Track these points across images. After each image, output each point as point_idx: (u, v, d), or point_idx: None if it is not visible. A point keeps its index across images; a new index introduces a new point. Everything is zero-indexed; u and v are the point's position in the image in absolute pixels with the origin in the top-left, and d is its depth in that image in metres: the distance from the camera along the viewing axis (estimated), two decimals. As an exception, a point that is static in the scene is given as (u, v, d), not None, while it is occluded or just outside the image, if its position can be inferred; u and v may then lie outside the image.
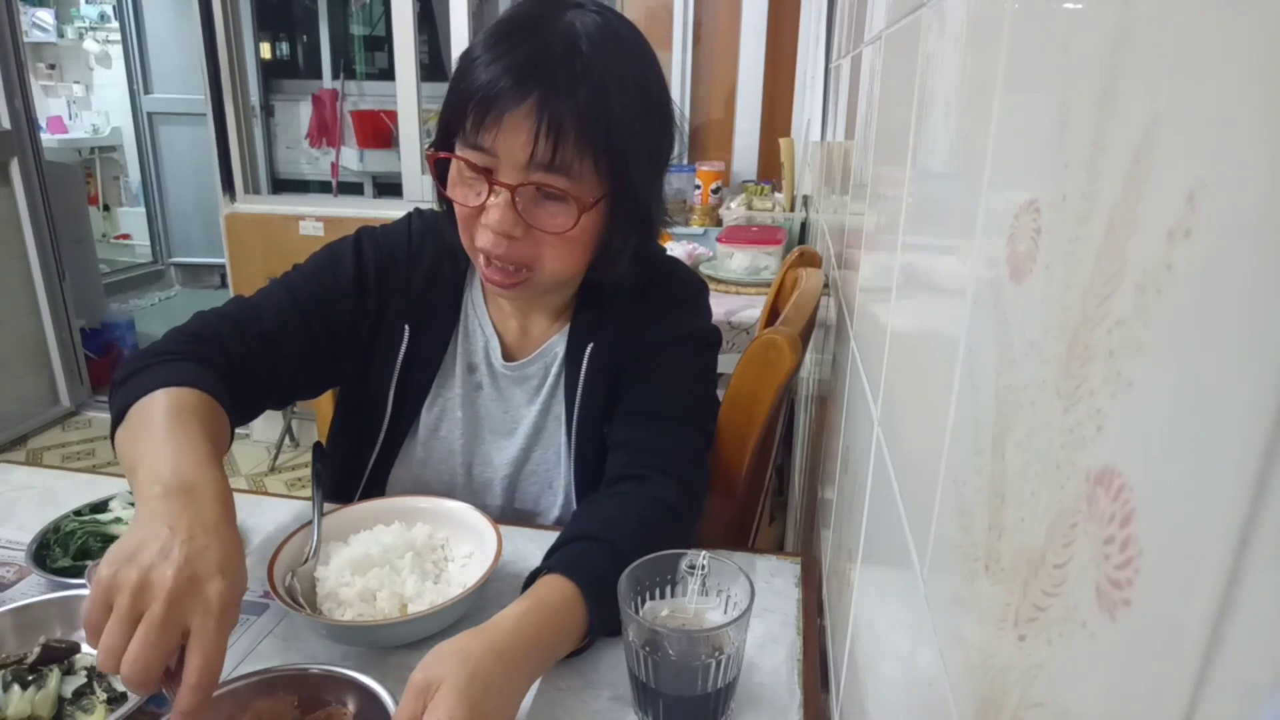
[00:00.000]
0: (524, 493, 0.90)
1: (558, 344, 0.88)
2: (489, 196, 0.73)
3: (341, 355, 0.87)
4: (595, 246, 0.78)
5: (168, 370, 0.69)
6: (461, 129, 0.72)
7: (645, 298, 0.86)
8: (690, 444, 0.82)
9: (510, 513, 0.90)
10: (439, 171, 0.79)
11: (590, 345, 0.85)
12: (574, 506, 0.88)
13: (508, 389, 0.89)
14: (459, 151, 0.73)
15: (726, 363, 0.92)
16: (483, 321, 0.89)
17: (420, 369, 0.88)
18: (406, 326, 0.87)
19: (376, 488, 0.90)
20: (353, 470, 0.90)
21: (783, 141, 2.18)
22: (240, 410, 0.75)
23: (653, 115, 0.76)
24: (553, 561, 0.65)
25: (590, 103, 0.69)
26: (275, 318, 0.82)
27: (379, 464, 0.90)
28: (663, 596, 0.62)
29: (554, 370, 0.88)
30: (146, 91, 4.67)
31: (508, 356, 0.89)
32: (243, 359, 0.78)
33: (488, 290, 0.89)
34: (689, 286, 0.91)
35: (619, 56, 0.73)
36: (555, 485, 0.89)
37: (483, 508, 0.77)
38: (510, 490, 0.90)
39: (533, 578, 0.66)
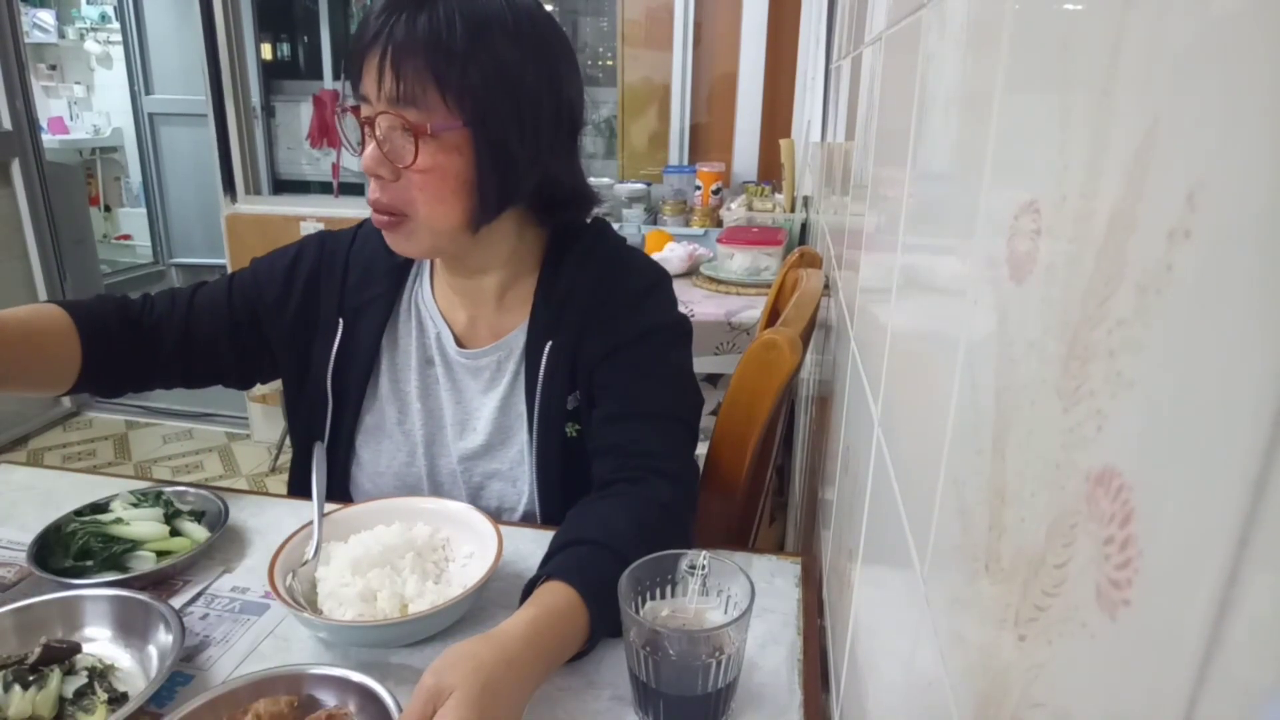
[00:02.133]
0: (488, 490, 0.90)
1: (516, 339, 0.88)
2: (366, 143, 0.76)
3: (269, 347, 0.91)
4: (466, 189, 0.77)
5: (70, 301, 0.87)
6: (354, 86, 0.77)
7: (606, 293, 0.86)
8: (677, 440, 0.82)
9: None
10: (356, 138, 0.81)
11: (550, 343, 0.85)
12: (538, 506, 0.88)
13: (462, 378, 0.90)
14: (354, 106, 0.78)
15: (727, 363, 0.92)
16: (432, 313, 0.90)
17: (358, 360, 0.89)
18: (340, 320, 0.90)
19: (338, 482, 0.91)
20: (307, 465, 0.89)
21: (783, 142, 2.18)
22: (131, 356, 0.86)
23: (520, 56, 0.75)
24: (552, 567, 0.65)
25: (430, 33, 0.72)
26: (207, 295, 0.91)
27: (334, 457, 0.90)
28: (663, 597, 0.62)
29: (511, 365, 0.88)
30: (147, 92, 4.67)
31: (461, 345, 0.89)
32: (157, 321, 0.88)
33: (435, 281, 0.91)
34: (648, 277, 0.90)
35: (480, 3, 0.74)
36: (519, 484, 0.89)
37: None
38: (474, 486, 0.90)
39: (532, 584, 0.66)
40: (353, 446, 0.91)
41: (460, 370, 0.89)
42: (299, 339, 0.91)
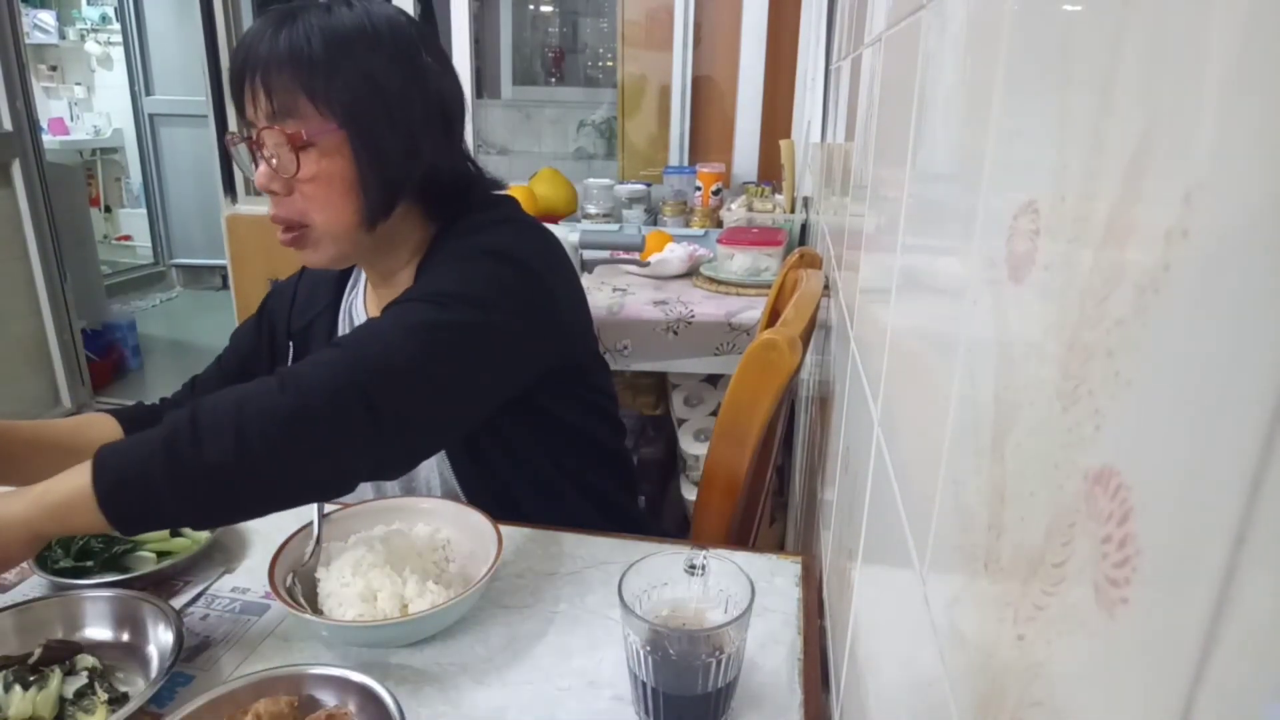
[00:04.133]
0: (416, 478, 0.92)
1: None
2: (258, 165, 0.79)
3: None
4: (353, 189, 0.79)
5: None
6: (240, 115, 0.81)
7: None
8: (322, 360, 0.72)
9: None
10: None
11: None
12: (456, 487, 0.88)
13: None
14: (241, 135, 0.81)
15: (727, 364, 0.92)
16: (360, 320, 0.93)
17: None
18: (290, 343, 0.96)
19: None
20: None
21: (783, 143, 2.18)
22: None
23: (380, 55, 0.78)
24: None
25: (291, 47, 0.75)
26: (203, 383, 0.97)
27: None
28: (663, 597, 0.62)
29: None
30: (148, 93, 4.68)
31: None
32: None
33: (368, 290, 0.94)
34: (516, 226, 0.87)
35: (338, 15, 0.77)
36: (433, 463, 0.90)
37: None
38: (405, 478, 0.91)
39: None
40: None
41: None
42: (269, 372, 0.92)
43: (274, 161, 0.77)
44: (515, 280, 0.79)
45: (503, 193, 0.93)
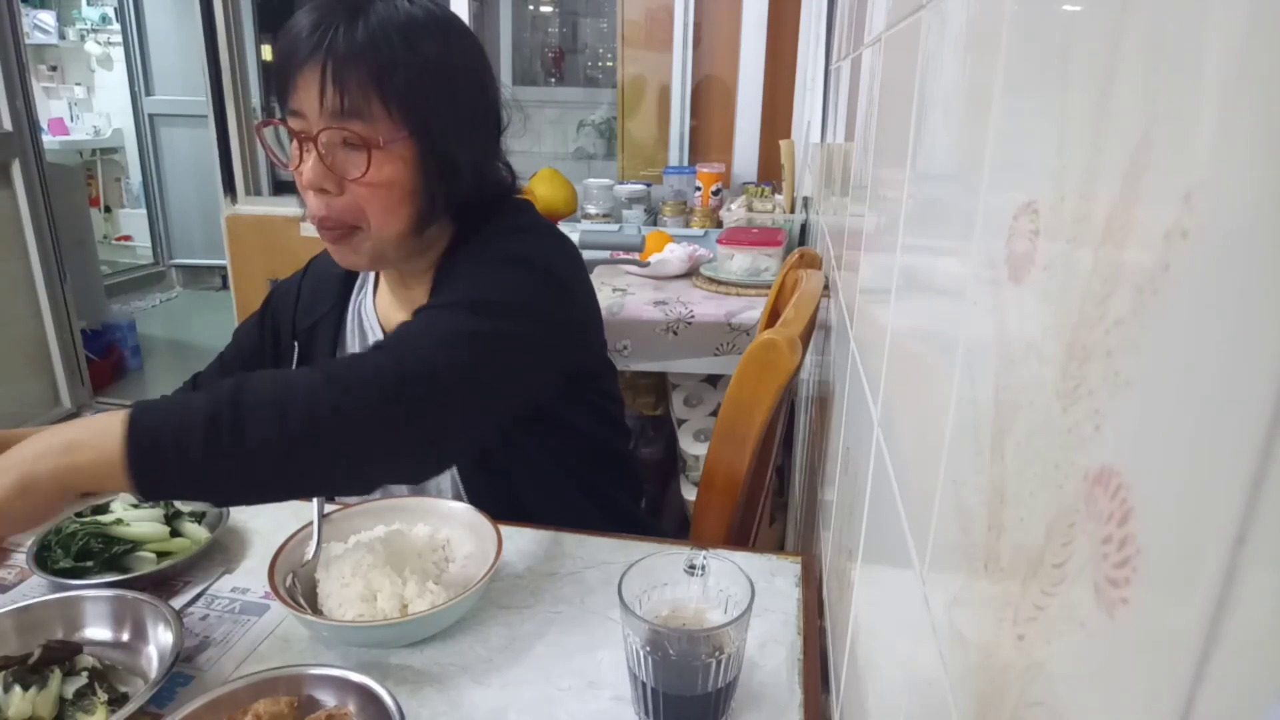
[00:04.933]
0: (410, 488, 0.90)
1: None
2: (304, 159, 0.75)
3: None
4: (413, 197, 0.77)
5: None
6: (282, 100, 0.76)
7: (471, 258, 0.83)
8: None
9: None
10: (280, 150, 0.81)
11: None
12: (463, 491, 0.88)
13: None
14: (281, 119, 0.77)
15: (727, 364, 0.92)
16: (371, 323, 0.92)
17: None
18: (295, 343, 0.95)
19: None
20: None
21: (783, 143, 2.18)
22: None
23: (451, 62, 0.77)
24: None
25: (369, 45, 0.72)
26: (229, 357, 0.98)
27: None
28: (663, 597, 0.62)
29: None
30: (148, 93, 4.68)
31: None
32: None
33: (378, 290, 0.93)
34: (532, 230, 0.87)
35: (409, 13, 0.75)
36: (441, 479, 0.89)
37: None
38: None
39: None
40: None
41: None
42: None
43: (329, 160, 0.74)
44: (546, 288, 0.79)
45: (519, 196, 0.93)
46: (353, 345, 0.93)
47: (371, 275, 0.95)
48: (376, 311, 0.93)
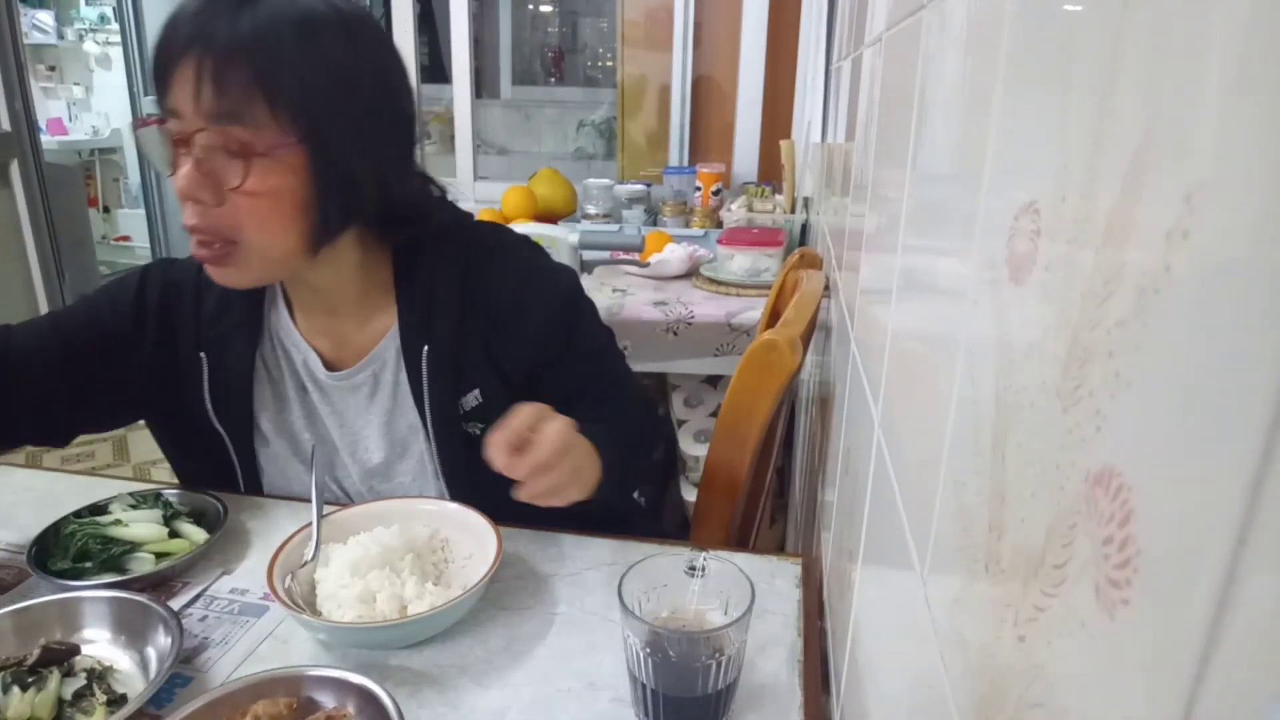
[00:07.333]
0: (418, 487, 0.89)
1: (386, 349, 0.84)
2: (180, 164, 0.68)
3: (120, 386, 0.83)
4: (303, 211, 0.70)
5: None
6: (159, 96, 0.69)
7: (479, 284, 0.82)
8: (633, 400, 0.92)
9: None
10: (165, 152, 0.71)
11: (426, 347, 0.82)
12: (444, 487, 0.87)
13: (340, 400, 0.86)
14: (160, 118, 0.69)
15: (727, 364, 0.92)
16: (294, 340, 0.85)
17: (234, 393, 0.85)
18: (203, 355, 0.83)
19: None
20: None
21: (783, 143, 2.18)
22: None
23: (353, 62, 0.70)
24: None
25: (255, 42, 0.65)
26: (24, 335, 0.79)
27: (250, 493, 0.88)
28: (663, 598, 0.62)
29: (388, 376, 0.85)
30: (146, 93, 4.67)
31: (332, 367, 0.85)
32: None
33: (294, 306, 0.85)
34: (517, 252, 0.86)
35: (307, 6, 0.68)
36: (427, 491, 0.87)
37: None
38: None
39: None
40: (260, 486, 0.89)
41: (336, 392, 0.86)
42: (160, 377, 0.84)
43: (205, 167, 0.67)
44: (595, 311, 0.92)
45: (464, 209, 0.89)
46: (277, 367, 0.86)
47: (279, 290, 0.86)
48: (297, 327, 0.85)
